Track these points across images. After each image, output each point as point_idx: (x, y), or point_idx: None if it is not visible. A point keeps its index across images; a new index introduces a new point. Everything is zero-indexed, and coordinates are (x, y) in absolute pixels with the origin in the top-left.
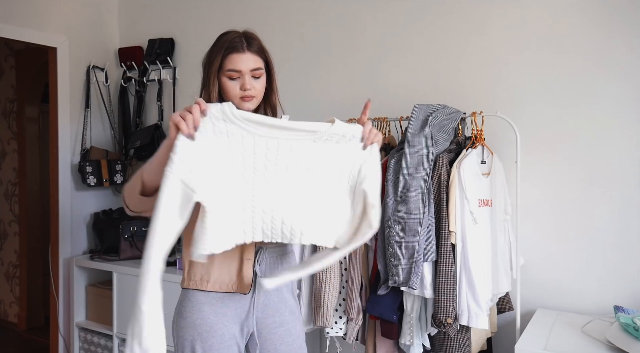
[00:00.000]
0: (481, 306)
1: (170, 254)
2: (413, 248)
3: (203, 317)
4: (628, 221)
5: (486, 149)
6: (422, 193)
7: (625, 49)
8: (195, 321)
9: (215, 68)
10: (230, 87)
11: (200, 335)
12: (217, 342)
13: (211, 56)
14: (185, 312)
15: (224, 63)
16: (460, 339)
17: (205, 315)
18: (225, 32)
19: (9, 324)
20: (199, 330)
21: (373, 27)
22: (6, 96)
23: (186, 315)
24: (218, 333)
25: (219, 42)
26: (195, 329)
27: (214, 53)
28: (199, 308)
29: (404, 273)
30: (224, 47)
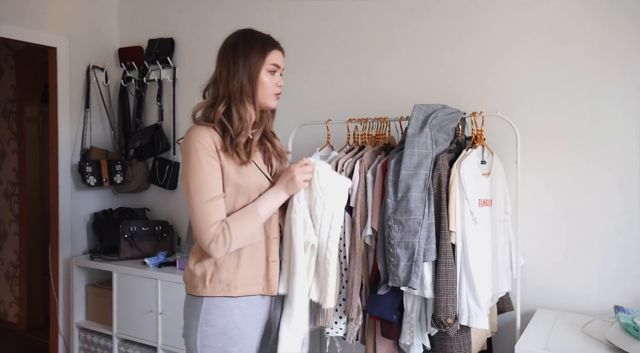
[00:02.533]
0: (481, 306)
1: (170, 254)
2: (413, 248)
3: (234, 321)
4: (628, 221)
5: (486, 149)
6: (422, 193)
7: (626, 50)
8: (226, 327)
9: (258, 60)
10: (269, 82)
11: (230, 340)
12: (246, 343)
13: (253, 49)
14: (213, 319)
15: (268, 57)
16: (461, 339)
17: (235, 319)
18: (249, 30)
19: (9, 324)
20: (230, 334)
21: (373, 27)
22: (6, 96)
23: (215, 323)
24: (246, 336)
25: (255, 37)
26: (226, 335)
27: (256, 47)
28: (229, 313)
29: (404, 273)
30: (267, 42)
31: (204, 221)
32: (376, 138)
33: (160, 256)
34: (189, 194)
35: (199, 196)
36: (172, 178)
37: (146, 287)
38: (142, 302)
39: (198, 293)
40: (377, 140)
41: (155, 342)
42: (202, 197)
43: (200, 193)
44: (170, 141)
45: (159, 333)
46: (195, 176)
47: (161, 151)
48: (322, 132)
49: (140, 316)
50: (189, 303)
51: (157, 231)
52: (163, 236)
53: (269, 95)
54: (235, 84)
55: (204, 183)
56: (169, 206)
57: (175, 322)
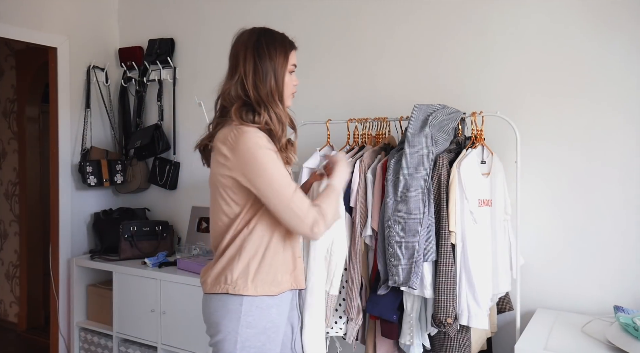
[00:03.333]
0: (481, 306)
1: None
2: (413, 248)
3: (272, 320)
4: (628, 220)
5: (486, 149)
6: (422, 193)
7: (626, 50)
8: (265, 326)
9: (282, 61)
10: (289, 82)
11: (269, 338)
12: (280, 339)
13: (276, 50)
14: (254, 320)
15: (290, 57)
16: (460, 339)
17: (273, 317)
18: (268, 29)
19: (9, 324)
20: (268, 333)
21: (373, 27)
22: (6, 96)
23: (255, 323)
24: (280, 332)
25: (277, 37)
26: (264, 333)
27: (279, 47)
28: (267, 312)
29: (404, 273)
30: (286, 42)
31: (300, 211)
32: (376, 138)
33: (160, 256)
34: (274, 191)
35: (285, 190)
36: (172, 178)
37: (146, 287)
38: (142, 302)
39: (238, 291)
40: (377, 140)
41: (156, 342)
42: (289, 190)
43: (286, 187)
44: (171, 141)
45: (159, 333)
46: (274, 172)
47: (161, 151)
48: (322, 132)
49: (140, 316)
50: (222, 304)
51: (157, 231)
52: (163, 236)
53: (288, 95)
54: (266, 88)
55: (285, 177)
56: (169, 206)
57: (176, 321)
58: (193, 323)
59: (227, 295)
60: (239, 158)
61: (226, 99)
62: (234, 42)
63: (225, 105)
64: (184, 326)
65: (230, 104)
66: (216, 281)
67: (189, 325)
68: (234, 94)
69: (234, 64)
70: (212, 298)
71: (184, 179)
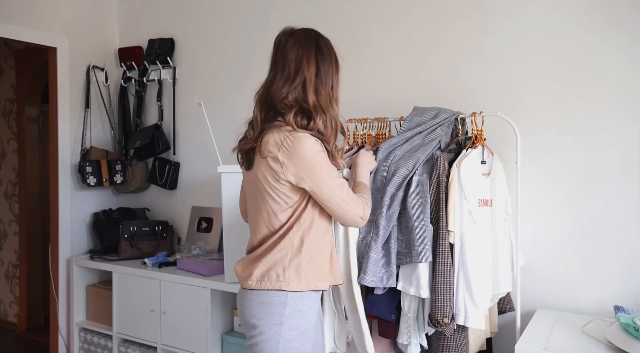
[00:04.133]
0: (478, 306)
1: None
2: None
3: (311, 321)
4: (628, 221)
5: (486, 149)
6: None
7: (626, 49)
8: (306, 327)
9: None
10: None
11: (307, 338)
12: (314, 338)
13: (332, 54)
14: (296, 322)
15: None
16: (457, 339)
17: (312, 318)
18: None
19: (9, 324)
20: (307, 333)
21: (373, 27)
22: (6, 96)
23: (297, 325)
24: (316, 331)
25: (329, 42)
26: (304, 334)
27: (334, 52)
28: (308, 314)
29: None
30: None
31: (353, 204)
32: (376, 137)
33: (160, 256)
34: (331, 192)
35: (342, 190)
36: (172, 178)
37: (146, 287)
38: (142, 302)
39: (292, 288)
40: (377, 140)
41: (156, 342)
42: (344, 189)
43: (342, 187)
44: (170, 141)
45: (159, 333)
46: (331, 175)
47: (161, 151)
48: None
49: (140, 316)
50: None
51: (157, 231)
52: (163, 236)
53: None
54: (326, 93)
55: (338, 177)
56: (169, 206)
57: (176, 321)
58: (193, 323)
59: (273, 294)
60: (298, 162)
61: (281, 103)
62: (288, 44)
63: (277, 108)
64: (184, 326)
65: (284, 108)
66: (265, 277)
67: (189, 325)
68: (292, 99)
69: (295, 68)
70: (256, 295)
71: (184, 179)
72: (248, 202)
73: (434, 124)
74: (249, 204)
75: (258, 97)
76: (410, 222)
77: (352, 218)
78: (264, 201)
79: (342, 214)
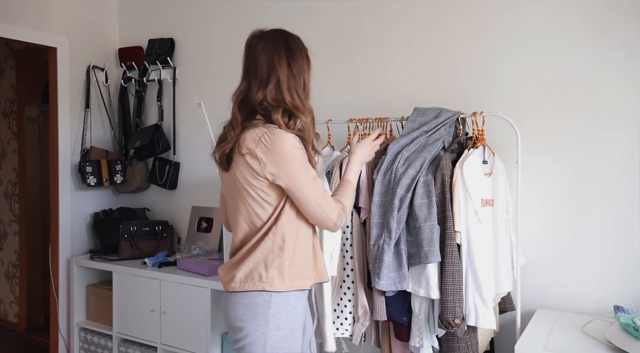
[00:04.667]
0: (488, 305)
1: (170, 254)
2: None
3: (297, 320)
4: (628, 220)
5: (487, 149)
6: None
7: (626, 49)
8: (292, 326)
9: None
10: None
11: (295, 338)
12: (301, 338)
13: (302, 52)
14: (282, 322)
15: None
16: (468, 340)
17: (298, 317)
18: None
19: (9, 324)
20: (295, 333)
21: (373, 27)
22: (6, 96)
23: (283, 325)
24: (302, 330)
25: (298, 40)
26: (292, 334)
27: (304, 49)
28: (293, 313)
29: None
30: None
31: (328, 208)
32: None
33: (160, 256)
34: (307, 191)
35: (316, 190)
36: (172, 178)
37: (146, 287)
38: (142, 302)
39: (276, 288)
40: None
41: (156, 342)
42: (319, 190)
43: (317, 187)
44: (170, 141)
45: (159, 333)
46: (308, 171)
47: (161, 151)
48: (322, 132)
49: (140, 316)
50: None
51: (157, 231)
52: (163, 236)
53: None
54: (300, 92)
55: (316, 178)
56: (169, 206)
57: (175, 321)
58: (193, 323)
59: (257, 295)
60: (275, 158)
61: (261, 106)
62: (258, 47)
63: (257, 110)
64: (184, 326)
65: (266, 110)
66: (248, 279)
67: (189, 325)
68: (271, 100)
69: (267, 71)
70: (240, 297)
71: (184, 179)
72: (228, 205)
73: (437, 124)
74: (229, 207)
75: (235, 99)
76: (417, 223)
77: (325, 222)
78: (243, 201)
79: (315, 216)
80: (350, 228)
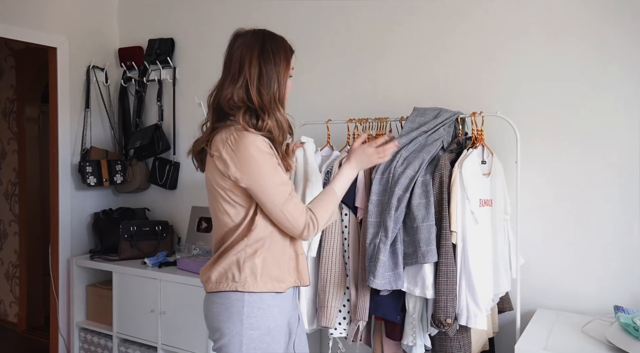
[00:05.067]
0: (480, 306)
1: (170, 254)
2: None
3: (275, 320)
4: (628, 221)
5: (486, 149)
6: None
7: (626, 49)
8: (270, 326)
9: (286, 66)
10: (289, 86)
11: (273, 338)
12: (283, 339)
13: (280, 54)
14: (257, 321)
15: (291, 61)
16: (460, 339)
17: (276, 317)
18: (270, 32)
19: (9, 324)
20: (273, 333)
21: (373, 26)
22: (6, 96)
23: (258, 325)
24: (283, 331)
25: (280, 42)
26: (269, 334)
27: (284, 52)
28: (270, 312)
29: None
30: (288, 47)
31: (291, 217)
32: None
33: (160, 256)
34: (268, 196)
35: (278, 197)
36: (172, 178)
37: (146, 287)
38: (142, 302)
39: (248, 288)
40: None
41: (156, 342)
42: (282, 197)
43: (280, 194)
44: (170, 141)
45: (159, 333)
46: (272, 176)
47: (161, 151)
48: (322, 132)
49: (140, 316)
50: (225, 307)
51: (157, 231)
52: (163, 236)
53: (287, 98)
54: (270, 94)
55: (280, 184)
56: (169, 206)
57: (176, 321)
58: (193, 323)
59: (231, 294)
60: (239, 160)
61: (228, 104)
62: (235, 44)
63: (225, 110)
64: (184, 326)
65: (232, 109)
66: (222, 279)
67: (189, 325)
68: (237, 99)
69: (238, 69)
70: (216, 297)
71: (184, 179)
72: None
73: (437, 124)
74: (209, 208)
75: (210, 99)
76: (415, 223)
77: (291, 231)
78: (217, 202)
79: (279, 222)
80: (348, 228)
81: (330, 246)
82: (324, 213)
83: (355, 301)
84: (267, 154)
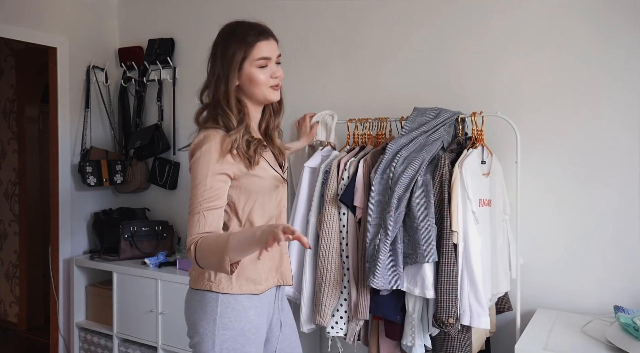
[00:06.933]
0: (483, 305)
1: (170, 254)
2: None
3: (250, 321)
4: (628, 221)
5: (486, 149)
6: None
7: (625, 49)
8: (244, 327)
9: (238, 59)
10: (262, 77)
11: (248, 339)
12: (260, 341)
13: (230, 48)
14: (230, 322)
15: (253, 52)
16: (462, 339)
17: (251, 318)
18: (235, 23)
19: (9, 324)
20: (247, 334)
21: (373, 27)
22: (6, 96)
23: (231, 325)
24: (261, 332)
25: (235, 33)
26: (243, 335)
27: (235, 44)
28: (245, 314)
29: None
30: (248, 36)
31: (190, 230)
32: (377, 137)
33: (160, 256)
34: (190, 200)
35: (194, 204)
36: (172, 178)
37: (146, 287)
38: (142, 302)
39: (222, 289)
40: (378, 140)
41: (155, 342)
42: (196, 207)
43: (196, 202)
44: (170, 141)
45: (159, 333)
46: (199, 184)
47: (161, 151)
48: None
49: (140, 316)
50: (200, 305)
51: (157, 231)
52: (163, 236)
53: (266, 89)
54: (221, 88)
55: (202, 192)
56: (169, 206)
57: (176, 321)
58: None
59: (207, 293)
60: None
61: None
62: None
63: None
64: (183, 326)
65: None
66: (200, 277)
67: None
68: (207, 97)
69: (208, 65)
70: (194, 294)
71: (184, 179)
72: None
73: (437, 124)
74: None
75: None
76: (415, 222)
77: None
78: None
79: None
80: (346, 227)
81: (328, 245)
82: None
83: (356, 301)
84: (213, 156)
